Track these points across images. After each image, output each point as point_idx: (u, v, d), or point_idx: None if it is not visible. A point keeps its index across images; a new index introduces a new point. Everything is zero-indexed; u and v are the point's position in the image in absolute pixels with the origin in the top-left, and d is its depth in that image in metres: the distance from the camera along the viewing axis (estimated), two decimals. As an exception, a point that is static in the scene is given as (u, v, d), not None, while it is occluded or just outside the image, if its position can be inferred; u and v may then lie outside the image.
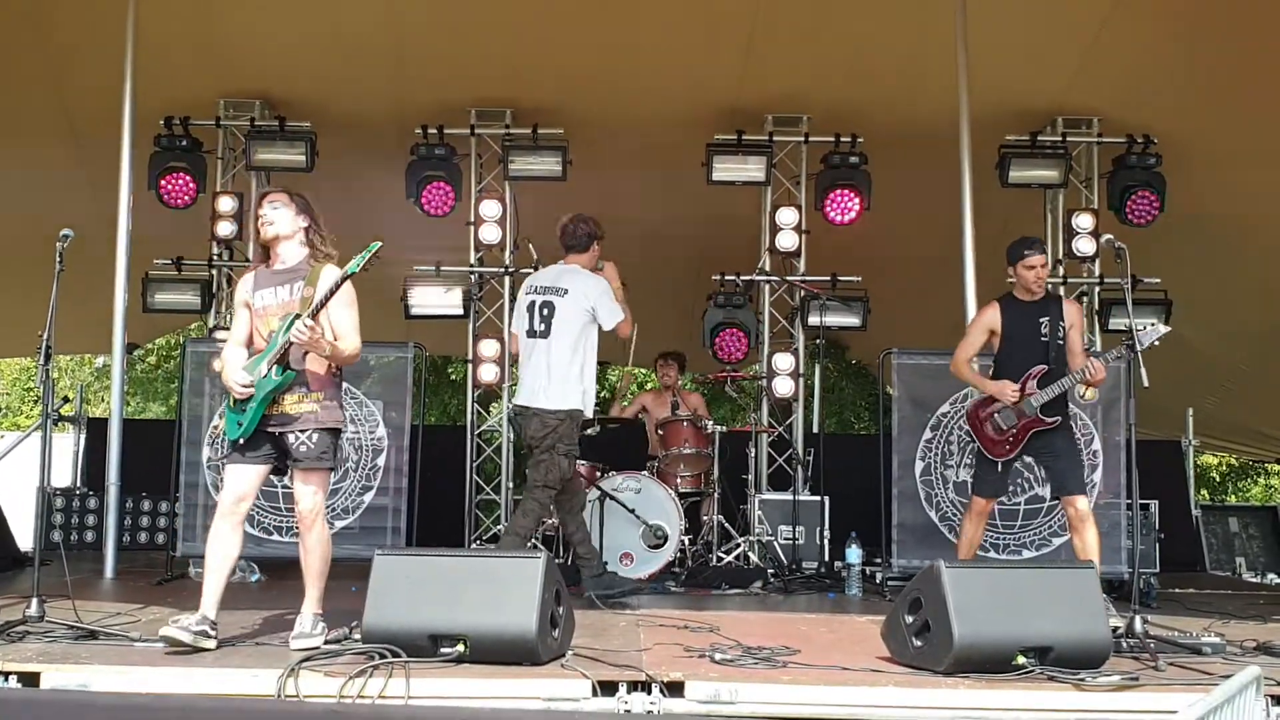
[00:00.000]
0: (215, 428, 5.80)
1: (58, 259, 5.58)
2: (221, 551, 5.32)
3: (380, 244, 5.23)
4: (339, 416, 5.48)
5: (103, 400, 20.17)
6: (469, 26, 9.31)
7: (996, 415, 6.83)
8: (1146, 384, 5.84)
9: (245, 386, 5.28)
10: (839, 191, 10.05)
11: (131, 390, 22.11)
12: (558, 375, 7.19)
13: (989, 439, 6.86)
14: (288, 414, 5.35)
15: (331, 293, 5.22)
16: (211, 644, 5.02)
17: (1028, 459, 7.17)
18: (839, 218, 10.06)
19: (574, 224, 7.46)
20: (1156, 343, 6.15)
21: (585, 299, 7.25)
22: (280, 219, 5.47)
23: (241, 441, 5.32)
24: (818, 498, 9.25)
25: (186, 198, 9.96)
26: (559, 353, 7.21)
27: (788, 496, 9.30)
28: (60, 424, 11.15)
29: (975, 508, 7.00)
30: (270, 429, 5.35)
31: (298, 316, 5.22)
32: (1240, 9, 8.50)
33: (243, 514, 5.39)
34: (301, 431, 5.33)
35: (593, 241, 7.43)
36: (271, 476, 5.62)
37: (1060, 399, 6.77)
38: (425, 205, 10.08)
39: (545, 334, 7.27)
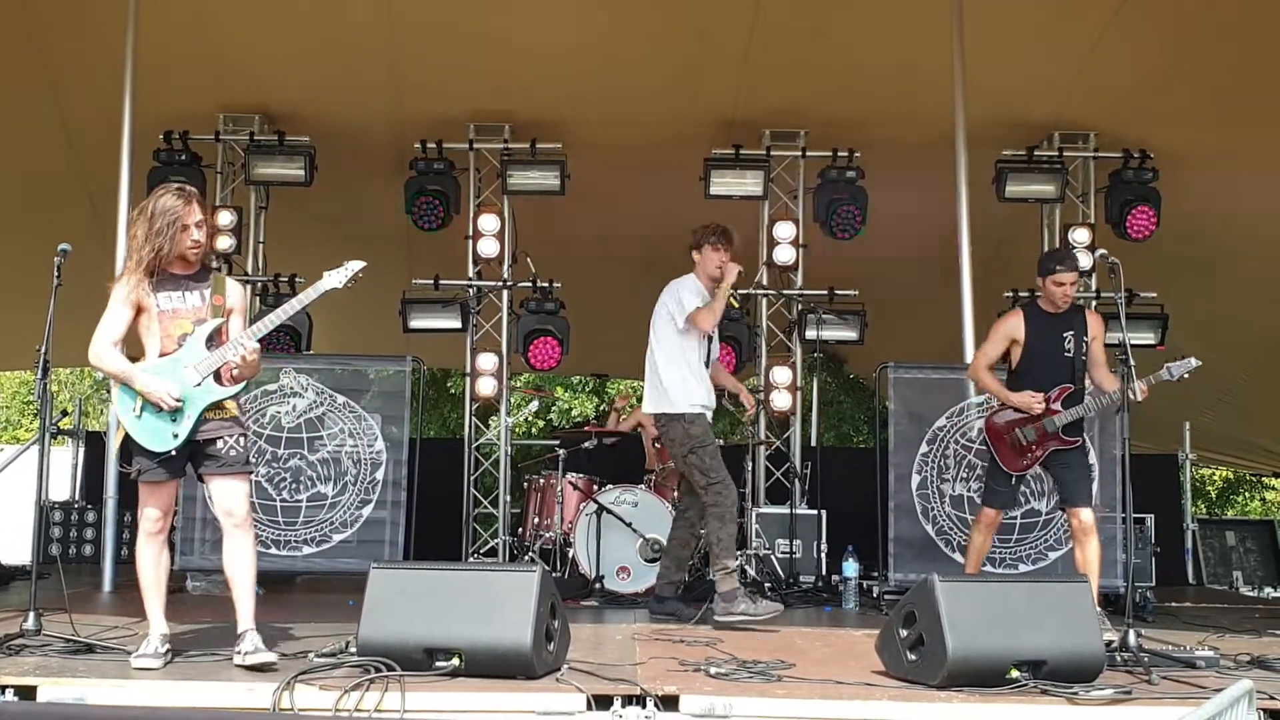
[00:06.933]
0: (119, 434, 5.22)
1: (55, 274, 5.53)
2: (161, 573, 5.23)
3: (364, 264, 5.21)
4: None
5: (100, 413, 20.17)
6: (466, 40, 9.35)
7: (1018, 430, 6.74)
8: (1139, 398, 5.93)
9: (177, 398, 5.06)
10: (847, 208, 10.06)
11: (129, 402, 22.09)
12: (648, 379, 7.21)
13: (1008, 451, 6.77)
14: (220, 419, 5.20)
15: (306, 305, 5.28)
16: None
17: (1037, 470, 7.07)
18: (845, 234, 10.10)
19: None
20: (1186, 375, 6.17)
21: (661, 304, 7.19)
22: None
23: (174, 454, 5.11)
24: (815, 511, 9.27)
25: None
26: (649, 359, 7.21)
27: (785, 510, 9.32)
28: (59, 438, 11.20)
29: (985, 519, 6.94)
30: (196, 436, 5.17)
31: (220, 326, 5.16)
32: (1236, 21, 8.53)
33: (168, 530, 5.30)
34: (229, 436, 5.19)
35: (691, 252, 7.29)
36: (269, 489, 5.54)
37: (1080, 420, 6.72)
38: (416, 219, 10.16)
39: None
